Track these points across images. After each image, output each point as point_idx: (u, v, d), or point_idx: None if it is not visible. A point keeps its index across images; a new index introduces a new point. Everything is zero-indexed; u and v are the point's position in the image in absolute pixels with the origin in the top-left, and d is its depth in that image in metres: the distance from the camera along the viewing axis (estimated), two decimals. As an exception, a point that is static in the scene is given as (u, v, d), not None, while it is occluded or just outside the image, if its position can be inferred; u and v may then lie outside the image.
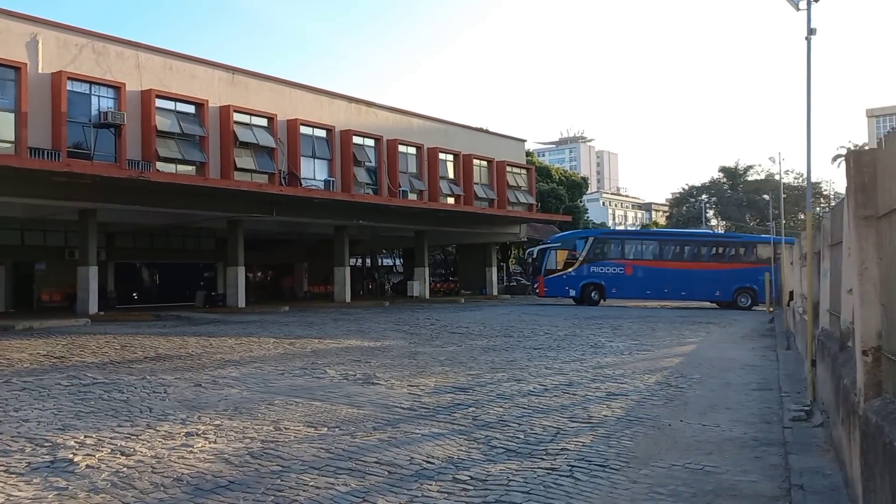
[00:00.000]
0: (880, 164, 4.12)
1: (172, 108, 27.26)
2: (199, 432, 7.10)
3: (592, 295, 33.47)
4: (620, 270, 33.39)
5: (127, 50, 26.23)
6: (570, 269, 33.67)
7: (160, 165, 26.33)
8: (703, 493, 5.28)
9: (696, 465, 6.04)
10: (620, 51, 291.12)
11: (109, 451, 6.36)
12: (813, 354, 8.66)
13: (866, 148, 6.02)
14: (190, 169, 27.83)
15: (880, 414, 3.61)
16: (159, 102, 26.63)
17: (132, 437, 6.87)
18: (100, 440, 6.75)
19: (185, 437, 6.89)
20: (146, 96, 26.23)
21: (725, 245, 35.09)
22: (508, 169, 43.13)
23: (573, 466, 5.92)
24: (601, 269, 33.53)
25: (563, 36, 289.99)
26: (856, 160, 4.43)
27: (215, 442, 6.72)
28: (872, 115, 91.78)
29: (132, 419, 7.74)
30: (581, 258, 33.77)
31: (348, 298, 34.27)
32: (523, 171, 45.40)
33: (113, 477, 5.57)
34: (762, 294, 31.76)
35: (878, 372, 4.05)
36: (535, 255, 35.73)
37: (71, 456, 6.15)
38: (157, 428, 7.30)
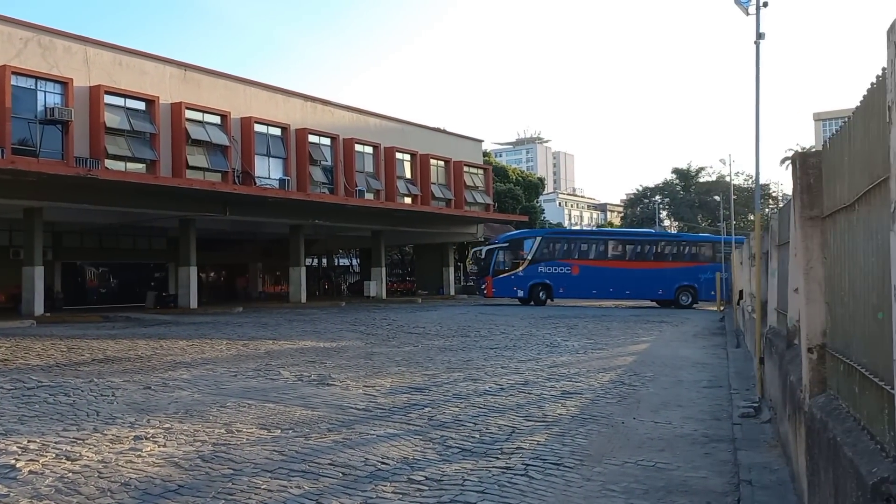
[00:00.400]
0: (825, 166, 4.23)
1: (122, 104, 26.65)
2: (149, 436, 6.94)
3: (540, 295, 33.04)
4: (567, 270, 33.10)
5: (74, 44, 25.55)
6: (518, 270, 33.14)
7: (109, 163, 25.70)
8: (654, 489, 5.35)
9: (649, 461, 6.12)
10: (577, 52, 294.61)
11: (54, 455, 6.16)
12: (761, 352, 8.86)
13: (813, 151, 6.15)
14: (140, 167, 27.25)
15: (825, 410, 3.70)
16: (108, 98, 26.00)
17: (78, 442, 6.68)
18: (44, 445, 6.54)
19: (133, 441, 6.72)
20: (94, 92, 25.58)
21: (667, 245, 35.53)
22: (465, 169, 43.24)
23: (528, 465, 5.94)
24: (549, 269, 33.14)
25: (520, 37, 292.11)
26: (802, 162, 4.54)
27: (165, 445, 6.57)
28: (819, 118, 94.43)
29: (78, 423, 7.52)
30: (529, 258, 33.28)
31: (304, 299, 33.94)
32: (480, 172, 45.57)
33: (57, 483, 5.40)
34: (702, 292, 32.70)
35: (823, 369, 4.15)
36: (483, 256, 34.75)
37: (13, 462, 5.95)
38: (105, 432, 7.11)
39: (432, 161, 40.98)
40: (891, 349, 2.28)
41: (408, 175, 39.77)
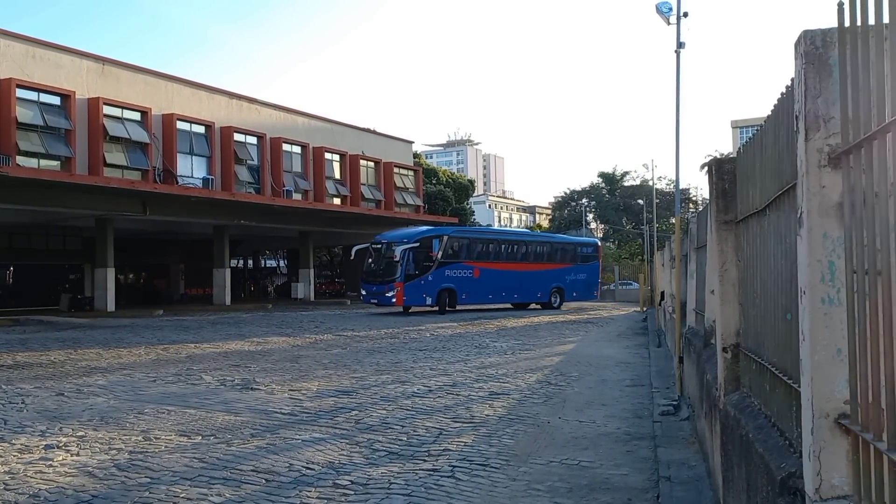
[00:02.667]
0: (739, 173, 4.39)
1: (35, 98, 25.48)
2: (61, 444, 6.64)
3: (447, 301, 28.92)
4: (469, 273, 29.49)
5: (-17, 34, 24.29)
6: (428, 273, 28.15)
7: (21, 160, 24.53)
8: (578, 487, 5.44)
9: (573, 460, 6.22)
10: (507, 55, 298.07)
11: (-46, 469, 5.82)
12: (681, 351, 9.13)
13: (728, 157, 6.45)
14: (54, 164, 26.12)
15: (738, 407, 3.83)
16: (20, 93, 24.82)
17: (-18, 454, 6.32)
18: (-56, 458, 6.17)
19: (43, 450, 6.42)
20: (5, 85, 24.38)
21: (544, 245, 34.23)
22: (396, 170, 43.15)
23: (455, 467, 5.95)
24: (454, 273, 28.99)
25: (452, 39, 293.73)
26: (717, 168, 4.70)
27: (78, 454, 6.30)
28: (737, 125, 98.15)
29: (-17, 433, 7.12)
30: (437, 260, 28.52)
31: (228, 301, 33.19)
32: (411, 173, 45.55)
33: (-43, 498, 5.10)
34: (567, 293, 32.80)
35: (737, 367, 4.30)
36: (397, 257, 27.58)
37: None
38: (13, 441, 6.76)
39: (362, 162, 40.71)
40: (798, 349, 2.37)
41: (337, 175, 39.40)
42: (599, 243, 37.90)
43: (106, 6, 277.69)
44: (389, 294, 27.80)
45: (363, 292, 28.91)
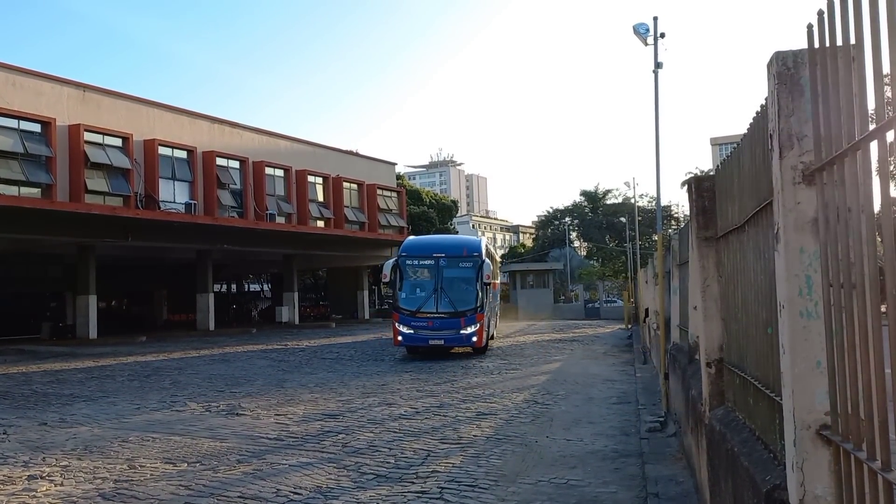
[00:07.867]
0: (718, 190, 4.46)
1: (15, 126, 25.29)
2: (44, 475, 6.55)
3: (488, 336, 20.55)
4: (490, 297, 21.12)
5: (-39, 63, 24.17)
6: (489, 298, 20.12)
7: (1, 188, 24.31)
8: (567, 506, 5.44)
9: (561, 479, 6.22)
10: (489, 76, 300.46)
11: (-65, 503, 5.72)
12: (666, 368, 9.17)
13: (707, 175, 6.54)
14: (35, 192, 25.89)
15: (723, 422, 3.86)
16: (0, 121, 24.65)
17: (-37, 486, 6.22)
18: (-77, 491, 6.07)
19: (27, 481, 6.33)
20: (-16, 113, 24.21)
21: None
22: (379, 192, 43.20)
23: (443, 488, 5.93)
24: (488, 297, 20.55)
25: (433, 60, 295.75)
26: (697, 186, 4.77)
27: (62, 484, 6.21)
28: (716, 143, 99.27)
29: (-37, 466, 7.01)
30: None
31: (212, 326, 32.91)
32: (394, 194, 45.61)
33: (-62, 532, 5.02)
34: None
35: (721, 382, 4.34)
36: (481, 274, 18.92)
37: None
38: (-6, 474, 6.66)
39: (345, 184, 40.73)
40: (779, 362, 2.41)
41: (320, 198, 39.37)
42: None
43: (90, 35, 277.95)
44: (469, 331, 18.49)
45: (404, 330, 18.59)
